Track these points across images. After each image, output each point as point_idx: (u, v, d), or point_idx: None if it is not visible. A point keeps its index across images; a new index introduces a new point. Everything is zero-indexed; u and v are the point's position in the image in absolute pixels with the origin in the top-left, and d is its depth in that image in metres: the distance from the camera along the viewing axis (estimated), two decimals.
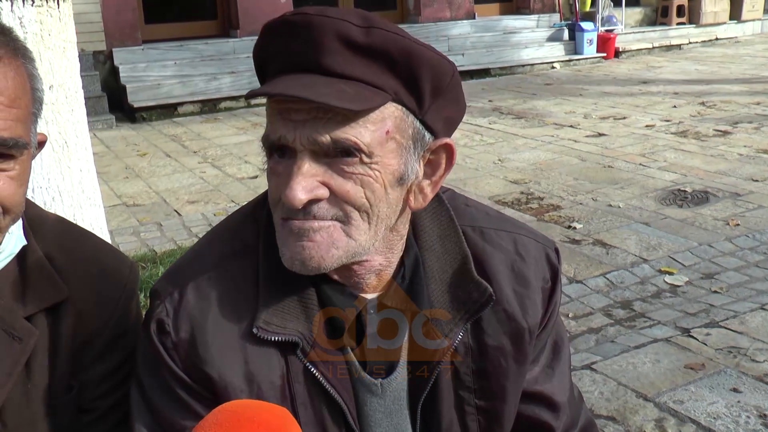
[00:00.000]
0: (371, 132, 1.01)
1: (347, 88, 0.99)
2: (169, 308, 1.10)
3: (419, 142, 1.07)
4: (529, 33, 11.38)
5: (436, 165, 1.11)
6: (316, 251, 1.03)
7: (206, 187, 5.66)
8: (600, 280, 3.76)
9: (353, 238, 1.05)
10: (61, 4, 2.73)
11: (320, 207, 1.02)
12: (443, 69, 1.05)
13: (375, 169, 1.02)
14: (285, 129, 1.01)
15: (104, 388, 1.23)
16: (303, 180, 1.00)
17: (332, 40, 0.99)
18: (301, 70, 1.01)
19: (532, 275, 1.21)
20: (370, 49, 1.00)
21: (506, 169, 5.78)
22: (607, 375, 2.87)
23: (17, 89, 1.06)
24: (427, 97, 1.05)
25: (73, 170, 2.79)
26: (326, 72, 1.00)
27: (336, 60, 1.00)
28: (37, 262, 1.17)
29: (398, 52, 1.01)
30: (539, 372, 1.28)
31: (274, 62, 1.04)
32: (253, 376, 1.09)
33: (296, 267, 1.05)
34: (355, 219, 1.04)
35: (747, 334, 3.10)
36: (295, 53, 1.01)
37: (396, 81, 1.02)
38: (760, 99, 7.90)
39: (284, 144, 1.02)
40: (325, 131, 0.99)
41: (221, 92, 8.88)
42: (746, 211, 4.58)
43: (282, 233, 1.06)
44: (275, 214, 1.08)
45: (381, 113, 1.01)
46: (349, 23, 1.00)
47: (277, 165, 1.04)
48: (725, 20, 13.27)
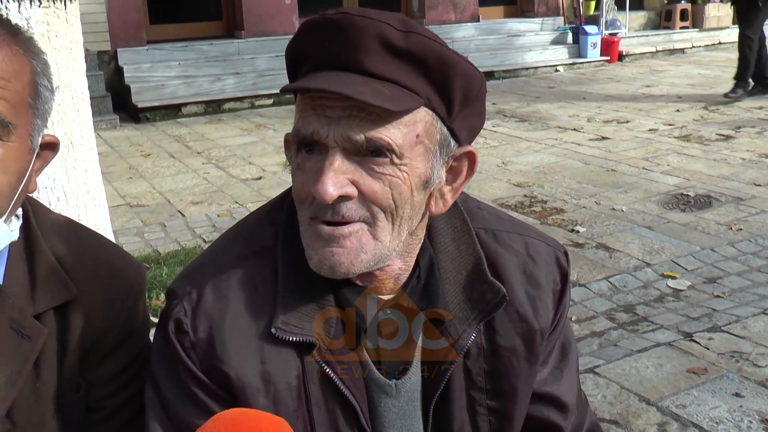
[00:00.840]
0: (403, 134, 1.02)
1: (383, 89, 1.00)
2: (187, 308, 1.11)
3: (445, 148, 1.09)
4: (533, 36, 11.39)
5: (458, 172, 1.14)
6: (346, 257, 1.05)
7: (210, 188, 5.67)
8: (603, 284, 3.76)
9: (379, 240, 1.06)
10: (68, 5, 2.74)
11: (348, 207, 1.03)
12: (474, 79, 1.07)
13: (403, 171, 1.04)
14: (319, 124, 1.02)
15: (111, 387, 1.24)
16: (334, 176, 1.01)
17: (373, 41, 1.01)
18: (337, 68, 1.02)
19: (543, 277, 1.23)
20: (408, 53, 1.02)
21: (510, 172, 5.78)
22: (610, 379, 2.87)
23: (6, 72, 1.05)
24: (456, 105, 1.07)
25: (78, 171, 2.80)
26: (363, 72, 1.01)
27: (374, 61, 1.01)
28: (46, 262, 1.18)
29: (434, 59, 1.03)
30: (548, 373, 1.29)
31: (311, 59, 1.05)
32: (269, 376, 1.10)
33: (324, 271, 1.07)
34: (380, 220, 1.05)
35: (749, 339, 3.11)
36: (334, 51, 1.03)
37: (429, 87, 1.04)
38: (763, 104, 7.90)
39: (316, 140, 1.03)
40: (360, 130, 1.00)
41: (225, 93, 8.90)
42: (749, 216, 4.59)
43: (309, 234, 1.07)
44: (301, 213, 1.08)
45: (413, 117, 1.03)
46: (390, 26, 1.02)
47: (305, 161, 1.05)
48: (728, 24, 13.25)
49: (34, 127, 1.12)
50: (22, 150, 1.10)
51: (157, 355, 1.15)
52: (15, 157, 1.08)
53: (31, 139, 1.12)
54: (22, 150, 1.10)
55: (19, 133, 1.08)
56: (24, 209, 1.20)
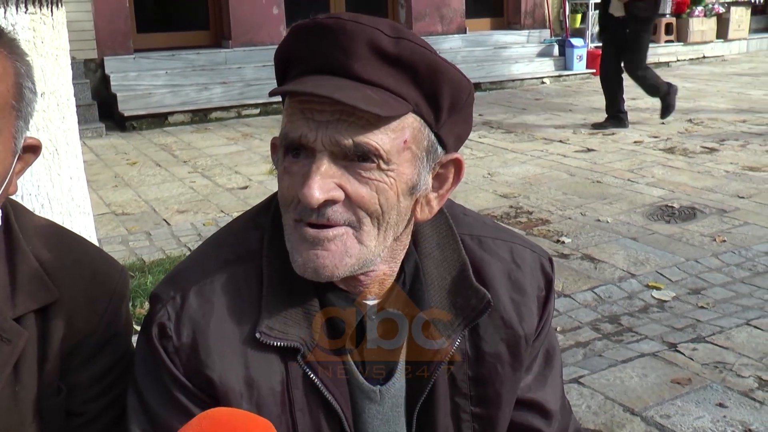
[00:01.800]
0: (391, 140, 1.03)
1: (373, 94, 1.01)
2: (171, 312, 1.10)
3: (432, 155, 1.09)
4: (519, 48, 11.45)
5: (444, 179, 1.14)
6: (330, 260, 1.05)
7: (196, 196, 5.65)
8: (588, 295, 3.77)
9: (364, 245, 1.06)
10: (55, 11, 2.73)
11: (334, 210, 1.03)
12: (462, 87, 1.08)
13: (390, 176, 1.04)
14: (307, 128, 1.02)
15: (93, 391, 1.23)
16: (321, 180, 1.01)
17: (363, 46, 1.01)
18: (327, 73, 1.03)
19: (528, 284, 1.23)
20: (399, 59, 1.03)
21: (496, 183, 5.80)
22: (595, 389, 2.88)
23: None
24: (444, 111, 1.07)
25: (63, 178, 2.79)
26: (353, 77, 1.02)
27: (364, 66, 1.02)
28: (29, 265, 1.16)
29: (424, 66, 1.04)
30: (532, 380, 1.29)
31: (301, 63, 1.06)
32: (253, 381, 1.09)
33: (309, 274, 1.06)
34: (366, 225, 1.05)
35: (733, 350, 3.12)
36: (325, 55, 1.03)
37: (418, 93, 1.05)
38: (746, 117, 7.98)
39: (304, 143, 1.03)
40: (348, 134, 1.01)
41: (212, 102, 8.89)
42: (732, 228, 4.62)
43: (294, 237, 1.07)
44: (286, 216, 1.08)
45: (401, 122, 1.04)
46: (380, 32, 1.02)
47: (292, 164, 1.06)
48: (712, 39, 13.40)
49: (17, 129, 1.12)
50: (5, 152, 1.09)
51: (140, 359, 1.14)
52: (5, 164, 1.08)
53: (15, 141, 1.12)
54: (5, 152, 1.09)
55: (2, 136, 1.08)
56: (5, 212, 1.19)
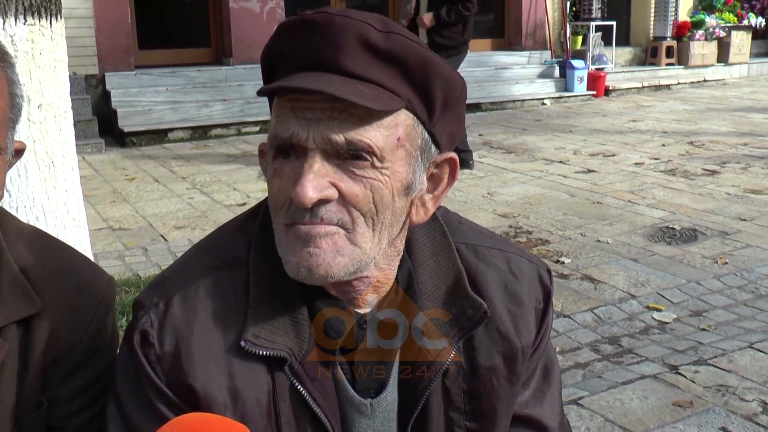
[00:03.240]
0: (384, 136, 1.00)
1: (364, 89, 0.98)
2: (153, 319, 1.06)
3: (426, 154, 1.06)
4: (520, 69, 11.47)
5: (439, 179, 1.11)
6: (323, 258, 1.01)
7: (194, 213, 5.62)
8: (588, 315, 3.73)
9: (358, 246, 1.02)
10: (54, 23, 2.71)
11: (328, 209, 1.00)
12: (455, 82, 1.05)
13: (385, 174, 1.01)
14: (299, 126, 0.99)
15: (75, 405, 1.18)
16: (314, 179, 0.98)
17: (352, 41, 0.99)
18: (316, 69, 1.00)
19: (526, 295, 1.19)
20: (389, 54, 1.00)
21: (495, 203, 5.77)
22: (594, 411, 2.83)
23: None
24: (437, 108, 1.04)
25: (58, 190, 2.75)
26: (343, 72, 0.99)
27: (354, 61, 0.99)
28: (11, 274, 1.12)
29: (415, 61, 1.01)
30: (530, 395, 1.25)
31: (289, 60, 1.03)
32: (238, 391, 1.05)
33: (302, 274, 1.02)
34: (359, 225, 1.02)
35: (735, 373, 3.08)
36: (313, 52, 1.00)
37: (410, 89, 1.02)
38: (747, 140, 7.97)
39: (296, 143, 1.00)
40: (340, 131, 0.98)
41: (212, 119, 8.87)
42: (734, 250, 4.59)
43: (286, 239, 1.03)
44: (277, 220, 1.05)
45: (394, 119, 1.01)
46: (370, 26, 1.00)
47: (283, 166, 1.02)
48: (713, 62, 13.44)
49: (12, 139, 1.11)
50: (4, 166, 1.09)
51: (121, 367, 1.10)
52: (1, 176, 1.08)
53: (9, 152, 1.11)
54: (4, 166, 1.09)
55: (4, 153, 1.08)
56: None
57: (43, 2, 2.64)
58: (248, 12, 9.77)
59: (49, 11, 2.67)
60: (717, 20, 13.49)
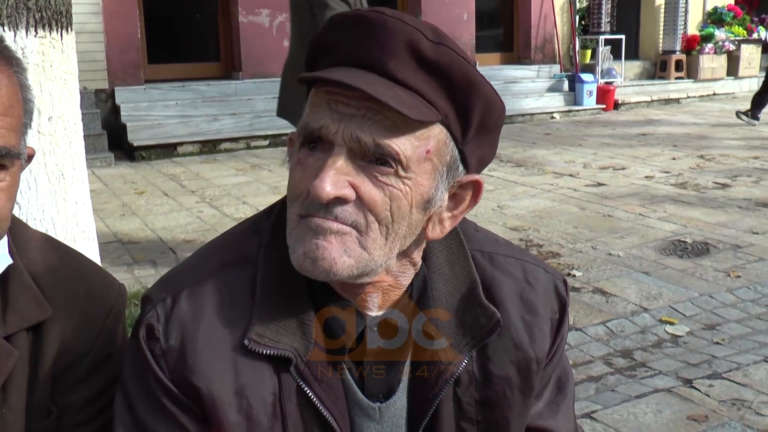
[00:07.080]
0: (414, 147, 0.98)
1: (404, 96, 0.96)
2: (160, 314, 1.05)
3: (453, 172, 1.04)
4: (529, 83, 11.47)
5: (461, 200, 1.09)
6: (329, 253, 0.98)
7: (203, 226, 5.62)
8: (600, 329, 3.70)
9: (367, 251, 1.00)
10: (65, 36, 2.72)
11: (344, 209, 0.98)
12: (495, 105, 1.04)
13: (407, 184, 0.99)
14: (330, 119, 0.98)
15: (85, 414, 1.17)
16: (335, 175, 0.96)
17: (402, 46, 0.97)
18: (361, 67, 0.98)
19: (541, 304, 1.17)
20: (436, 65, 0.99)
21: (505, 216, 5.75)
22: (608, 424, 2.79)
23: (10, 97, 1.03)
24: (473, 128, 1.03)
25: (68, 203, 2.75)
26: (386, 75, 0.98)
27: (399, 66, 0.98)
28: (21, 280, 1.11)
29: (460, 76, 1.00)
30: (543, 407, 1.23)
31: (335, 53, 1.01)
32: (242, 390, 1.03)
33: (307, 265, 1.00)
34: (373, 231, 1.00)
35: (751, 387, 3.04)
36: (360, 49, 0.99)
37: (449, 103, 1.00)
38: (758, 154, 7.93)
39: (324, 135, 0.98)
40: (371, 132, 0.96)
41: (222, 133, 8.89)
42: (747, 263, 4.55)
43: (297, 229, 1.01)
44: (291, 210, 1.03)
45: (427, 131, 0.99)
46: (421, 34, 0.98)
47: (307, 157, 1.01)
48: (723, 76, 13.43)
49: (24, 143, 1.10)
50: (19, 170, 1.09)
51: (128, 362, 1.09)
52: (16, 180, 1.07)
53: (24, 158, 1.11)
54: (19, 170, 1.09)
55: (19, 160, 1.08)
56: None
57: (54, 15, 2.65)
58: (258, 26, 9.82)
59: (60, 24, 2.67)
60: (726, 34, 13.49)
